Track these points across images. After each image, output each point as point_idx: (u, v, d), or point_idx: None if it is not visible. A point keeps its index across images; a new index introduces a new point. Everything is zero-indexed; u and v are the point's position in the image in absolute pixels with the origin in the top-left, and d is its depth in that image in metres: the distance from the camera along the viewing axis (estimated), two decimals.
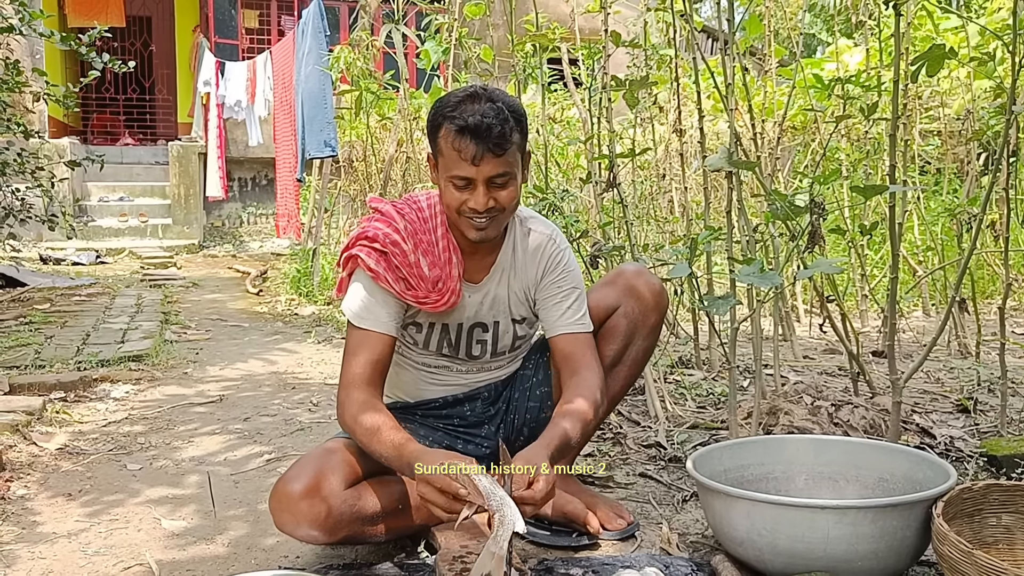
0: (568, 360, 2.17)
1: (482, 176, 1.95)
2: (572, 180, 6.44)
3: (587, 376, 2.12)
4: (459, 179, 1.97)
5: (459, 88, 2.03)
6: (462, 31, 4.92)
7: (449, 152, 1.96)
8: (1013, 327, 5.05)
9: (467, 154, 1.92)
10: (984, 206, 2.71)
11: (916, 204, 5.38)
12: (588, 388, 2.08)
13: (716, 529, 2.03)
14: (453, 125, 1.93)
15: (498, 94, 1.98)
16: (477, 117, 1.91)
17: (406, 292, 2.08)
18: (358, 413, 1.98)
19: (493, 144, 1.92)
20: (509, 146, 1.95)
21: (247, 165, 12.45)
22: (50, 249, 9.78)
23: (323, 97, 6.90)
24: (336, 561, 2.09)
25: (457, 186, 1.98)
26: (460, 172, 1.95)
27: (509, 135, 1.94)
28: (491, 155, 1.93)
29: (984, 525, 1.91)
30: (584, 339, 2.19)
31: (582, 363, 2.15)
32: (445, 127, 1.96)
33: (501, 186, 1.98)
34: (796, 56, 4.01)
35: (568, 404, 2.03)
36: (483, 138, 1.91)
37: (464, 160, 1.93)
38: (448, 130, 1.95)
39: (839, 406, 2.94)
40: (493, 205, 1.99)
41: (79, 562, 2.12)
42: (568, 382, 2.14)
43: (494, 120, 1.92)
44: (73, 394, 3.80)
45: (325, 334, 5.41)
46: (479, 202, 1.97)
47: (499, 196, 1.99)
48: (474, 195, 1.97)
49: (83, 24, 11.22)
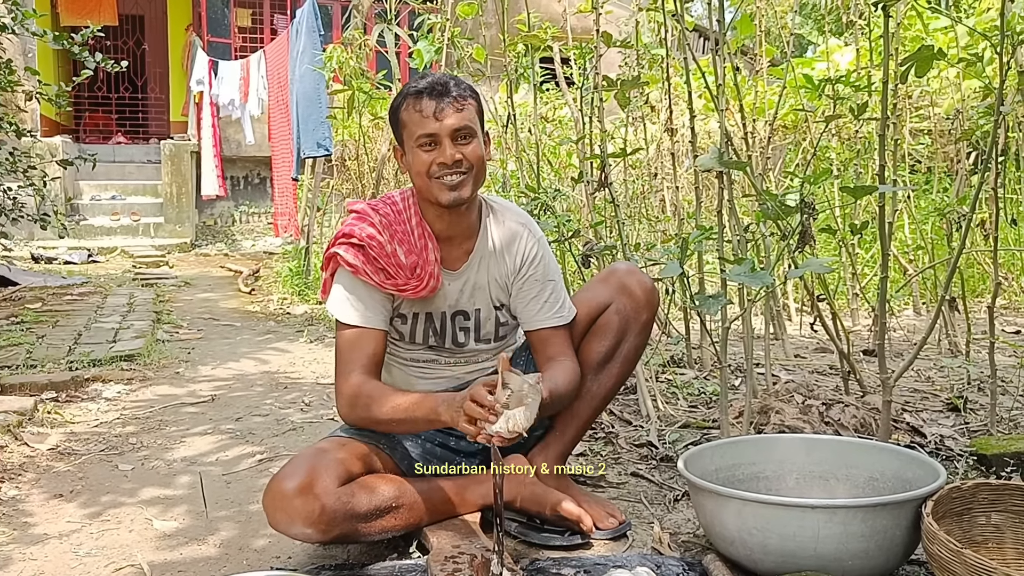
0: (544, 348, 2.25)
1: (445, 130, 2.05)
2: (564, 179, 6.45)
3: (563, 362, 2.22)
4: (424, 138, 2.07)
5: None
6: (454, 31, 4.91)
7: (411, 117, 2.08)
8: (1003, 326, 5.07)
9: (428, 111, 2.05)
10: (974, 205, 2.71)
11: (906, 203, 5.40)
12: (563, 372, 2.17)
13: (707, 528, 2.04)
14: (411, 94, 2.08)
15: (450, 74, 2.15)
16: (431, 80, 2.08)
17: (386, 282, 2.14)
18: (355, 391, 2.07)
19: (451, 98, 2.06)
20: (466, 102, 2.09)
21: (240, 164, 12.44)
22: (42, 248, 9.74)
23: (317, 97, 6.91)
24: (328, 562, 2.09)
25: (424, 148, 2.08)
26: (424, 130, 2.06)
27: (465, 94, 2.09)
28: (451, 108, 2.05)
29: (974, 524, 1.92)
30: (562, 332, 2.27)
31: (559, 351, 2.24)
32: (405, 102, 2.10)
33: (465, 142, 2.08)
34: (787, 56, 4.02)
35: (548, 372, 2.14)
36: (440, 95, 2.05)
37: (426, 117, 2.05)
38: (408, 101, 2.09)
39: (830, 405, 2.95)
40: (460, 158, 2.07)
41: (70, 563, 2.12)
42: (544, 366, 2.23)
43: (448, 80, 2.09)
44: (65, 394, 3.79)
45: (317, 333, 5.41)
46: (447, 155, 2.06)
47: (465, 151, 2.08)
48: (440, 150, 2.07)
49: (76, 23, 11.20)
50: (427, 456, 2.26)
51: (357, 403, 2.08)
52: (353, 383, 2.09)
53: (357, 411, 2.09)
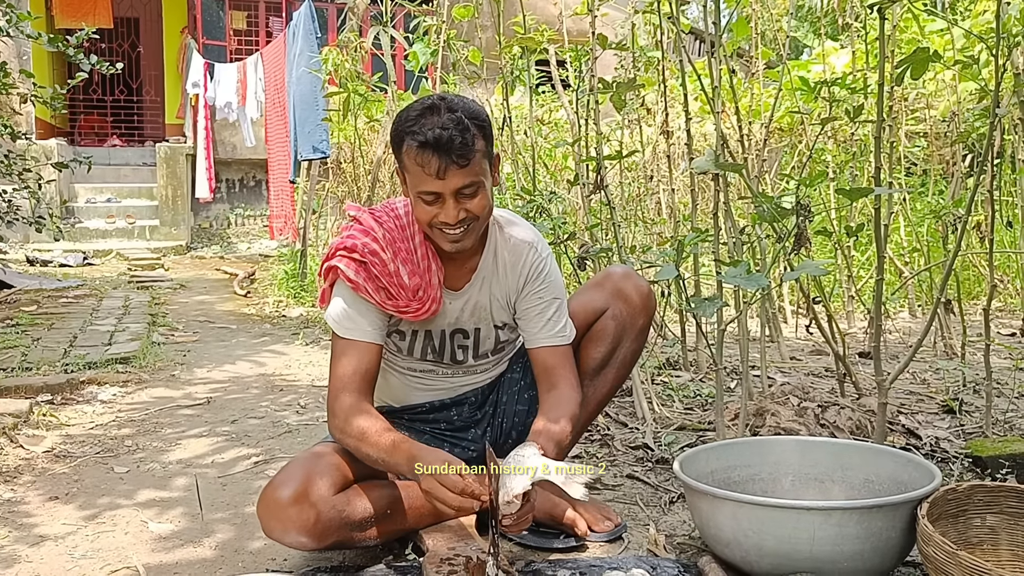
0: (547, 373, 2.18)
1: (449, 189, 1.93)
2: (560, 182, 6.45)
3: (565, 391, 2.15)
4: (427, 194, 1.95)
5: (417, 100, 2.01)
6: (450, 33, 4.92)
7: (414, 168, 1.94)
8: (998, 328, 5.08)
9: (431, 169, 1.90)
10: (969, 208, 2.72)
11: (902, 206, 5.41)
12: (566, 406, 2.11)
13: (703, 530, 2.04)
14: (415, 141, 1.91)
15: (456, 102, 1.96)
16: (437, 131, 1.88)
17: (387, 302, 2.08)
18: (347, 417, 1.99)
19: (456, 156, 1.89)
20: (473, 155, 1.92)
21: (235, 167, 12.42)
22: (37, 251, 9.73)
23: (314, 99, 6.91)
24: (324, 564, 2.09)
25: (426, 201, 1.96)
26: (427, 188, 1.94)
27: (472, 144, 1.91)
28: (456, 167, 1.90)
29: (969, 526, 1.93)
30: (563, 352, 2.21)
31: (560, 377, 2.17)
32: (407, 143, 1.93)
33: (470, 196, 1.96)
34: (783, 58, 4.03)
35: (546, 423, 2.06)
36: (446, 151, 1.88)
37: (429, 175, 1.91)
38: (410, 146, 1.92)
39: (825, 407, 2.95)
40: (465, 216, 1.98)
41: (66, 565, 2.12)
42: (546, 396, 2.17)
43: (455, 131, 1.89)
44: (60, 396, 3.79)
45: (313, 336, 5.40)
46: (450, 215, 1.96)
47: (470, 206, 1.97)
48: (444, 209, 1.96)
49: (71, 25, 11.19)
50: None
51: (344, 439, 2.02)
52: (345, 407, 2.01)
53: (346, 443, 2.02)
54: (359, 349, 2.08)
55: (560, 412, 2.08)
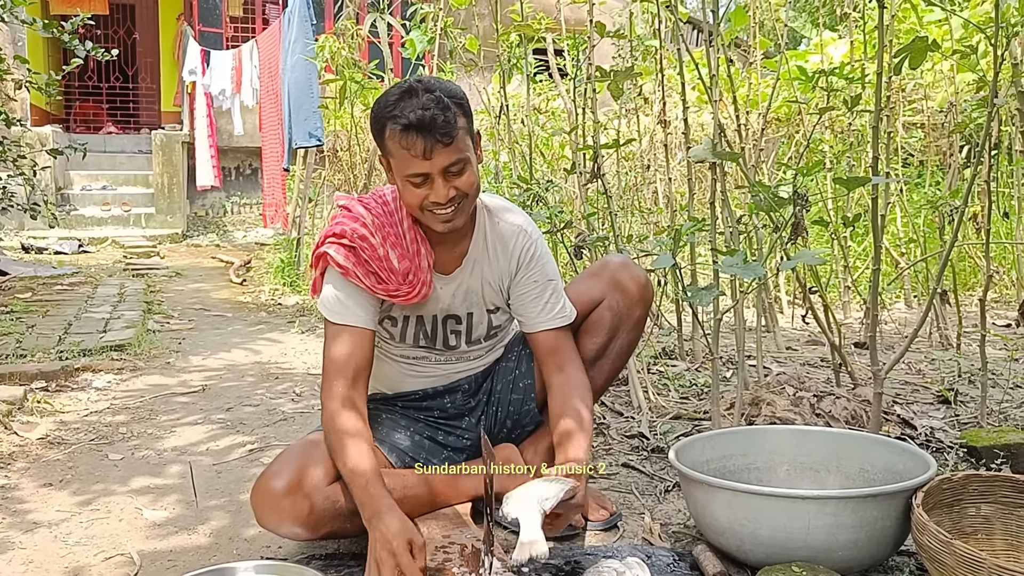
0: (553, 355, 2.19)
1: (436, 168, 1.93)
2: (557, 171, 6.44)
3: (573, 374, 2.16)
4: (415, 176, 1.95)
5: (394, 86, 2.01)
6: (447, 20, 4.90)
7: (399, 152, 1.94)
8: (994, 319, 5.08)
9: (417, 150, 1.91)
10: (966, 198, 2.72)
11: (899, 196, 5.41)
12: (581, 390, 2.14)
13: (698, 519, 2.04)
14: (397, 125, 1.91)
15: (434, 83, 1.96)
16: (419, 111, 1.89)
17: (376, 286, 2.07)
18: (333, 416, 1.98)
19: (440, 134, 1.90)
20: (456, 132, 1.93)
21: (231, 155, 12.39)
22: (32, 238, 9.70)
23: (309, 87, 6.88)
24: (319, 552, 2.09)
25: (415, 184, 1.96)
26: (414, 170, 1.94)
27: (454, 121, 1.92)
28: (441, 146, 1.91)
29: (963, 515, 1.93)
30: (565, 333, 2.22)
31: (567, 359, 2.19)
32: (390, 128, 1.93)
33: (458, 173, 1.97)
34: (781, 48, 4.02)
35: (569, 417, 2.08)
36: (429, 131, 1.89)
37: (416, 157, 1.92)
38: (393, 131, 1.93)
39: (821, 397, 2.96)
40: (455, 194, 1.98)
41: (60, 552, 2.12)
42: (554, 379, 2.17)
43: (436, 110, 1.90)
44: (55, 384, 3.78)
45: (309, 324, 5.40)
46: (440, 194, 1.96)
47: (458, 183, 1.97)
48: (434, 189, 1.96)
49: (66, 11, 11.14)
50: (416, 449, 2.25)
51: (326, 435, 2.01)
52: (336, 400, 2.00)
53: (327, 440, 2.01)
54: (351, 334, 2.07)
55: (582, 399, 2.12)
